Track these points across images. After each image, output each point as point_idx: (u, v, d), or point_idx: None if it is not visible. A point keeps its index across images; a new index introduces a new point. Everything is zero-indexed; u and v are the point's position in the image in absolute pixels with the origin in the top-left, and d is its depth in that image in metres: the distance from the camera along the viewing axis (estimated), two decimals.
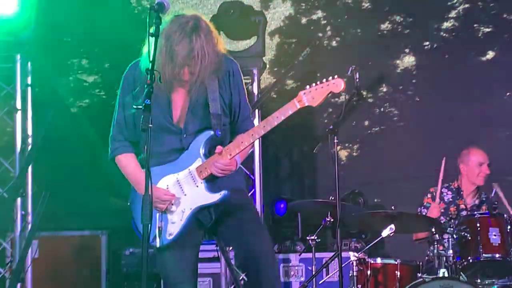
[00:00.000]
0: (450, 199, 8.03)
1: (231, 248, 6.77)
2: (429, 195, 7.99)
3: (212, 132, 4.73)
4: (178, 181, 4.76)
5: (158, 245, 4.75)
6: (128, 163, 4.95)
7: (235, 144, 4.70)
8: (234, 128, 4.90)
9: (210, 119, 4.75)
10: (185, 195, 4.75)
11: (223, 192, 4.71)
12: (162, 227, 4.73)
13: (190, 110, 4.81)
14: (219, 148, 4.69)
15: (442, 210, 7.95)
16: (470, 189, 8.05)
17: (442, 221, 7.70)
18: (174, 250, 4.83)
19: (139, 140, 4.91)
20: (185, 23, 4.71)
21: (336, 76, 4.58)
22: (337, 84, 4.54)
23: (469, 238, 7.11)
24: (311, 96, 4.56)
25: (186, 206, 4.73)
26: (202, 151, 4.73)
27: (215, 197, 4.72)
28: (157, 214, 4.75)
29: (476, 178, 7.97)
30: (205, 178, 4.72)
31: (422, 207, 7.97)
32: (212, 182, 4.75)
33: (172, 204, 4.75)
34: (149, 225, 4.35)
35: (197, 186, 4.73)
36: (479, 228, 7.15)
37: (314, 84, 4.64)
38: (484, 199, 8.01)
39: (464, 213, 7.86)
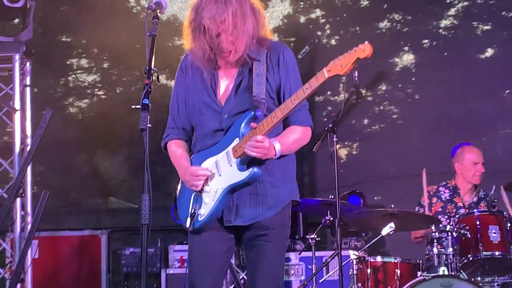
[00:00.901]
0: (448, 198, 8.02)
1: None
2: (425, 194, 7.98)
3: (252, 112, 4.60)
4: (216, 162, 4.68)
5: (188, 226, 4.68)
6: (174, 149, 4.88)
7: (267, 119, 4.54)
8: (286, 119, 4.72)
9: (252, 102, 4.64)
10: (220, 175, 4.66)
11: (251, 170, 4.56)
12: (196, 209, 4.67)
13: (234, 91, 4.74)
14: (253, 124, 4.58)
15: (440, 209, 7.94)
16: (467, 187, 8.04)
17: (442, 221, 7.70)
18: (203, 238, 4.73)
19: (195, 125, 4.86)
20: None
21: (366, 42, 4.41)
22: (364, 49, 4.34)
23: (469, 236, 7.10)
24: (339, 63, 4.41)
25: (219, 186, 4.64)
26: (242, 130, 4.61)
27: (244, 174, 4.57)
28: (192, 196, 4.71)
29: (471, 177, 7.97)
30: (238, 156, 4.60)
31: (419, 206, 7.97)
32: (246, 161, 4.61)
33: (208, 185, 4.68)
34: (149, 224, 4.36)
35: (231, 166, 4.62)
36: (478, 226, 7.14)
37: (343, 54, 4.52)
38: (482, 196, 8.00)
39: (462, 211, 7.85)
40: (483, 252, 7.08)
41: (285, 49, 4.83)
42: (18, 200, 8.28)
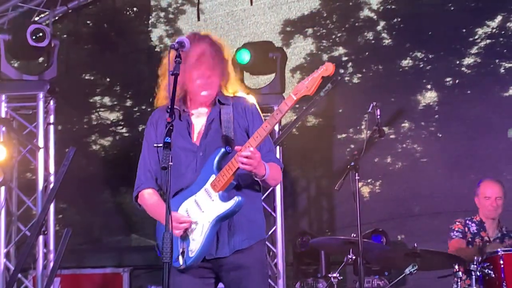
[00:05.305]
0: (475, 231, 7.98)
1: None
2: (458, 222, 7.95)
3: (222, 149, 4.75)
4: (196, 201, 4.82)
5: (181, 263, 4.75)
6: (148, 198, 5.06)
7: (252, 137, 4.70)
8: None
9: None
10: (203, 212, 4.78)
11: (235, 198, 4.71)
12: (184, 248, 4.75)
13: (206, 131, 4.89)
14: (237, 147, 4.70)
15: (469, 239, 7.89)
16: (489, 222, 8.02)
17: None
18: (184, 282, 4.82)
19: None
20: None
21: (326, 62, 4.66)
22: (327, 68, 4.60)
23: (493, 275, 7.04)
24: (305, 86, 4.62)
25: (205, 221, 4.76)
26: (215, 166, 4.76)
27: (229, 204, 4.72)
28: (179, 238, 4.79)
29: (486, 211, 7.95)
30: (219, 190, 4.74)
31: (453, 232, 7.92)
32: (227, 193, 4.76)
33: (192, 223, 4.78)
34: (170, 262, 4.36)
35: (213, 200, 4.76)
36: (502, 266, 7.08)
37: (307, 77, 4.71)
38: (505, 232, 7.97)
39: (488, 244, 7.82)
40: None
41: (248, 101, 5.02)
42: (41, 237, 8.31)
